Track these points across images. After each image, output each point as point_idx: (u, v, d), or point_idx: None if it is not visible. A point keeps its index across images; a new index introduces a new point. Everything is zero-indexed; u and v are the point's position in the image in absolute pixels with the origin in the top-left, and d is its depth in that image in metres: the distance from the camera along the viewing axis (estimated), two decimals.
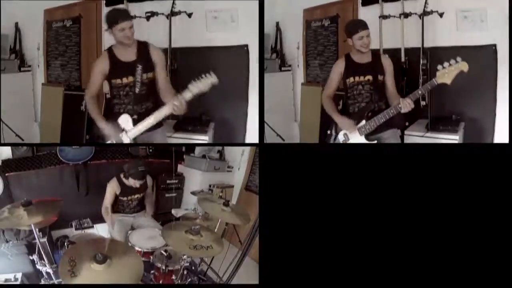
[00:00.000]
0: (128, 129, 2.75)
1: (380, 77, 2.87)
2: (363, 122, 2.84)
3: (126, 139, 2.75)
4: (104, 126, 2.75)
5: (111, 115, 2.82)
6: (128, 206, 3.39)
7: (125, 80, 2.76)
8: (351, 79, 2.90)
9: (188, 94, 2.68)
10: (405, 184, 2.66)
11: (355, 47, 2.85)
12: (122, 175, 3.34)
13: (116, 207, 3.38)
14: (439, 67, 2.63)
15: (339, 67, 2.96)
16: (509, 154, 2.68)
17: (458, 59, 2.60)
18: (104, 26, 2.75)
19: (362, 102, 2.90)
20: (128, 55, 2.77)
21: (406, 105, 2.69)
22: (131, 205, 3.40)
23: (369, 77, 2.87)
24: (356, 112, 2.90)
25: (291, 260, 2.68)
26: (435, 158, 2.69)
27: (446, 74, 2.62)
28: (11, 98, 3.41)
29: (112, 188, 3.32)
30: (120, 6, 3.35)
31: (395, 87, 2.90)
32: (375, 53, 2.94)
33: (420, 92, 2.72)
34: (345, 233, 2.68)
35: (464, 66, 2.61)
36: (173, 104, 2.66)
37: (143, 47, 2.80)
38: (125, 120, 2.76)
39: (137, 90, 2.77)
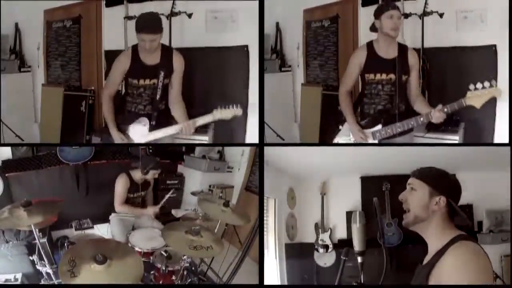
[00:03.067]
0: (143, 134, 2.78)
1: (404, 77, 2.60)
2: (379, 126, 2.60)
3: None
4: (115, 135, 2.77)
5: (123, 112, 2.83)
6: (133, 204, 3.38)
7: (142, 82, 2.78)
8: (371, 75, 2.60)
9: (209, 118, 2.74)
10: None
11: (382, 30, 2.55)
12: (134, 171, 3.32)
13: None
14: (471, 86, 2.37)
15: (359, 58, 2.63)
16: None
17: (494, 82, 2.35)
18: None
19: (379, 104, 2.62)
20: (151, 58, 2.78)
21: (438, 117, 2.48)
22: (136, 203, 3.39)
23: (392, 76, 2.57)
24: (372, 114, 2.63)
25: None
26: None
27: (478, 96, 2.35)
28: (11, 98, 3.41)
29: (123, 184, 3.28)
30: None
31: (419, 89, 2.66)
32: (402, 48, 2.65)
33: (445, 109, 2.47)
34: None
35: (497, 93, 2.34)
36: (182, 127, 2.74)
37: (166, 53, 2.81)
38: (142, 123, 2.79)
39: (158, 96, 2.78)
